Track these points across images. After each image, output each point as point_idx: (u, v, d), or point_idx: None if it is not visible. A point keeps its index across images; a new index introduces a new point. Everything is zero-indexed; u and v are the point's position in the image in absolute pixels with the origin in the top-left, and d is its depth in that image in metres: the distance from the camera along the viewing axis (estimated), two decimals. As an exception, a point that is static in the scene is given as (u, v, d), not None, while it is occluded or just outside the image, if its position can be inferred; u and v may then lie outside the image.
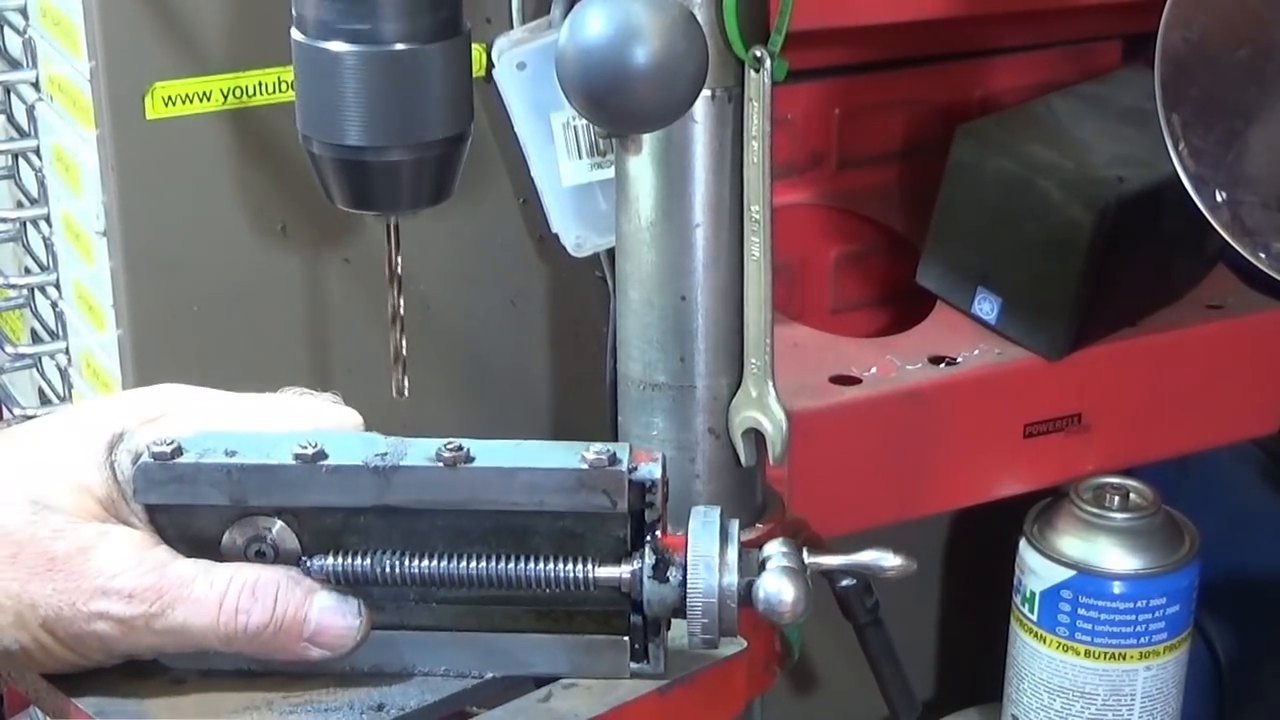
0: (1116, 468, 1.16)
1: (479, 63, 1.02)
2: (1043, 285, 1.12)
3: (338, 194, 0.75)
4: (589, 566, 0.74)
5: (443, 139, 0.74)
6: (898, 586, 0.84)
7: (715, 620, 0.74)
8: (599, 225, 1.06)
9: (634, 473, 0.74)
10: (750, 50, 0.86)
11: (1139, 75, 1.13)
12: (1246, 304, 1.22)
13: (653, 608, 0.75)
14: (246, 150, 1.01)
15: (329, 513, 0.74)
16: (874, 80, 1.26)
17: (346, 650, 0.74)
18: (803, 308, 1.24)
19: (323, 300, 1.07)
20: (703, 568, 0.74)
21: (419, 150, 0.74)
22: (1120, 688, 1.11)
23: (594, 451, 0.73)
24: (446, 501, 0.74)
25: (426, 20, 0.72)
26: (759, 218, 0.89)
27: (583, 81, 0.72)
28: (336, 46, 0.71)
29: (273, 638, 0.73)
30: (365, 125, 0.73)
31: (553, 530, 0.75)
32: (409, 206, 0.76)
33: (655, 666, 0.77)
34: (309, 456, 0.73)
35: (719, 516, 0.76)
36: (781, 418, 0.92)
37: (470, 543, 0.75)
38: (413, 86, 0.73)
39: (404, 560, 0.74)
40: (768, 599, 0.75)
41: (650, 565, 0.74)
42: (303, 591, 0.73)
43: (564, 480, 0.73)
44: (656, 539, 0.75)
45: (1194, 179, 0.87)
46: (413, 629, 0.77)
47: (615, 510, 0.74)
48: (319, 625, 0.73)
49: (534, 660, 0.78)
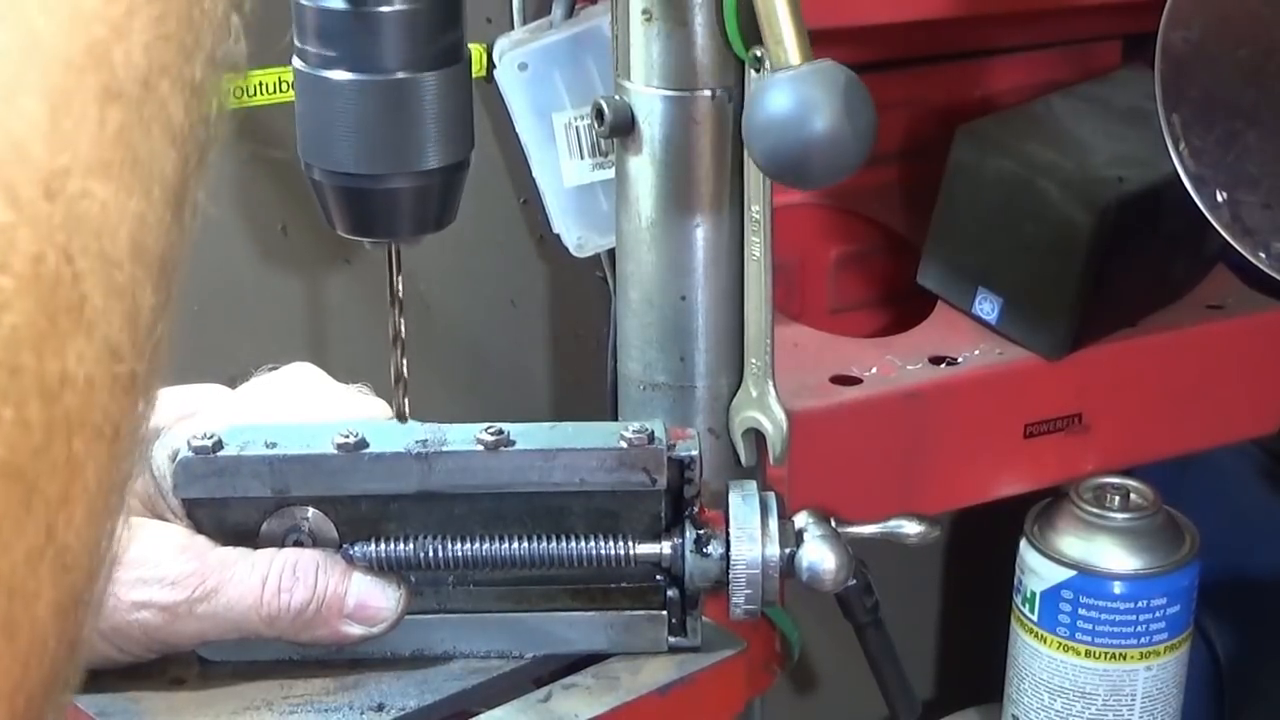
0: (1116, 468, 1.16)
1: (479, 63, 1.02)
2: (1043, 285, 1.12)
3: (338, 221, 0.76)
4: (629, 544, 0.76)
5: (443, 167, 0.75)
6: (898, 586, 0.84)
7: (759, 590, 0.76)
8: (600, 225, 1.06)
9: (673, 450, 0.76)
10: (750, 50, 0.86)
11: (1139, 75, 1.13)
12: (1246, 304, 1.21)
13: (694, 581, 0.77)
14: (246, 150, 1.01)
15: (367, 501, 0.75)
16: (874, 80, 1.24)
17: (386, 626, 0.75)
18: (803, 308, 1.24)
19: (323, 300, 1.07)
20: (746, 540, 0.76)
21: (420, 178, 0.74)
22: (1120, 688, 1.11)
23: (633, 430, 0.75)
24: (488, 485, 0.75)
25: (427, 49, 0.72)
26: (759, 218, 0.89)
27: (768, 149, 0.77)
28: (337, 75, 0.72)
29: (315, 615, 0.74)
30: (366, 153, 0.73)
31: (588, 509, 0.76)
32: (410, 233, 0.76)
33: (693, 639, 0.79)
34: (351, 445, 0.74)
35: (757, 490, 0.77)
36: (781, 418, 0.92)
37: (507, 525, 0.76)
38: (413, 115, 0.73)
39: (444, 544, 0.75)
40: (811, 567, 0.77)
41: (692, 540, 0.76)
42: (341, 570, 0.75)
43: (605, 460, 0.75)
44: (696, 514, 0.76)
45: (1194, 179, 0.87)
46: (452, 613, 0.79)
47: (655, 487, 0.75)
48: (359, 601, 0.74)
49: (573, 638, 0.79)
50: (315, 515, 0.76)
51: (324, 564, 0.74)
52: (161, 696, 0.76)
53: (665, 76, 0.87)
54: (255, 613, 0.73)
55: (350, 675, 0.77)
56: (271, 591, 0.73)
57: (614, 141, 0.91)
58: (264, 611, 0.73)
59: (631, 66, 0.88)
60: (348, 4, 0.70)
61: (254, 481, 0.74)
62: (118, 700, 0.75)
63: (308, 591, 0.73)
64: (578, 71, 1.05)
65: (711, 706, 0.81)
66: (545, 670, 0.80)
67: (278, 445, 0.75)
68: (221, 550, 0.74)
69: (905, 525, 0.81)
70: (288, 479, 0.75)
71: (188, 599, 0.72)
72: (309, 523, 0.76)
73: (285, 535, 0.76)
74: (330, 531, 0.76)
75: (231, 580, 0.73)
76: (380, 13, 0.71)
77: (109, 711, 0.75)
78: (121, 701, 0.75)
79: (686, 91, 0.87)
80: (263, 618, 0.73)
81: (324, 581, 0.74)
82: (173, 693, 0.76)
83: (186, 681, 0.77)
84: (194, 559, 0.73)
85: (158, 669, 0.76)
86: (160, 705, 0.76)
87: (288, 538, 0.76)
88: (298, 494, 0.75)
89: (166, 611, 0.72)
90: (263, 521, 0.75)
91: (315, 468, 0.75)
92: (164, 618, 0.72)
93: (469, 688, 0.78)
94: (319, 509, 0.76)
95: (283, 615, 0.73)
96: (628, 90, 0.88)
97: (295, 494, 0.75)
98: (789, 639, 0.92)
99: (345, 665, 0.77)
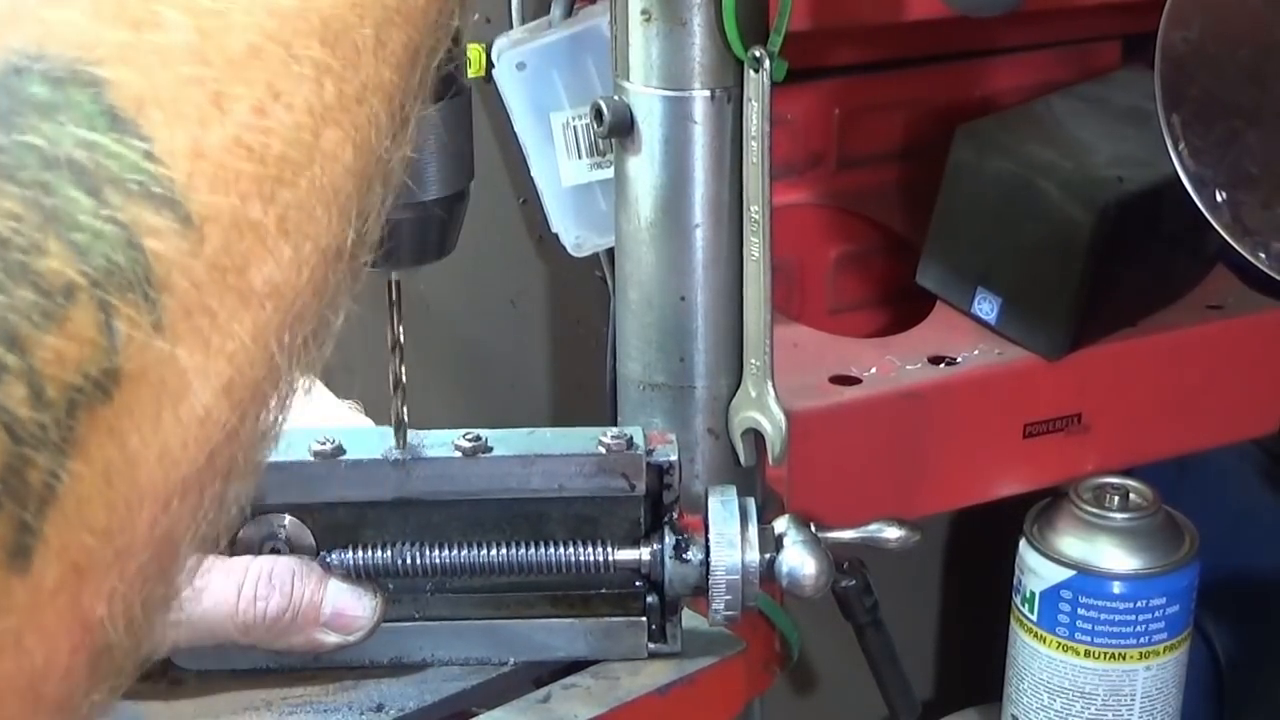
0: (1116, 468, 1.16)
1: (478, 62, 1.02)
2: (1043, 285, 1.12)
3: None
4: (608, 549, 0.76)
5: (443, 198, 0.75)
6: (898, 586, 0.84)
7: (739, 596, 0.76)
8: (599, 225, 1.06)
9: (651, 455, 0.75)
10: (750, 50, 0.86)
11: (1139, 75, 1.13)
12: (1246, 304, 1.21)
13: (674, 587, 0.76)
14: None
15: (344, 508, 0.75)
16: (874, 80, 1.26)
17: (363, 634, 0.75)
18: (802, 308, 1.24)
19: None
20: (725, 545, 0.75)
21: (420, 209, 0.74)
22: (1120, 688, 1.11)
23: (611, 436, 0.75)
24: (466, 491, 0.75)
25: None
26: (759, 218, 0.89)
27: None
28: None
29: (290, 623, 0.73)
30: None
31: (567, 516, 0.76)
32: (410, 263, 0.76)
33: (673, 645, 0.79)
34: (328, 452, 0.74)
35: (736, 495, 0.77)
36: (781, 418, 0.92)
37: (485, 531, 0.76)
38: (414, 147, 0.73)
39: (422, 551, 0.75)
40: (791, 573, 0.76)
41: (671, 545, 0.76)
42: (318, 577, 0.74)
43: (583, 465, 0.75)
44: (675, 520, 0.76)
45: (1194, 179, 0.87)
46: (430, 620, 0.78)
47: (634, 493, 0.75)
48: (335, 609, 0.74)
49: (553, 644, 0.79)
50: (292, 522, 0.75)
51: (300, 571, 0.74)
52: (161, 697, 0.76)
53: (664, 76, 0.87)
54: (230, 620, 0.72)
55: (350, 676, 0.77)
56: (247, 599, 0.72)
57: (613, 141, 0.91)
58: (239, 619, 0.72)
59: (630, 66, 0.88)
60: None
61: None
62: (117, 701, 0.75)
63: (283, 599, 0.73)
64: (576, 71, 1.05)
65: (711, 707, 0.81)
66: (545, 671, 0.80)
67: None
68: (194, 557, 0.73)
69: (886, 530, 0.80)
70: (264, 486, 0.74)
71: None
72: (285, 530, 0.75)
73: (261, 542, 0.75)
74: (307, 539, 0.75)
75: (205, 587, 0.72)
76: None
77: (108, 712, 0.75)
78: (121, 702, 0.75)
79: (685, 92, 0.87)
80: (238, 625, 0.73)
81: (300, 589, 0.73)
82: (172, 693, 0.76)
83: (186, 682, 0.77)
84: None
85: (157, 669, 0.76)
86: (160, 706, 0.76)
87: (264, 545, 0.75)
88: (274, 501, 0.74)
89: None
90: (238, 529, 0.75)
91: (292, 474, 0.74)
92: None
93: (469, 688, 0.78)
94: (296, 516, 0.75)
95: (258, 623, 0.73)
96: (626, 90, 0.88)
97: (271, 501, 0.74)
98: (789, 639, 0.92)
99: (343, 666, 0.77)
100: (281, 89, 0.41)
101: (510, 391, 1.16)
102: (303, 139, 0.41)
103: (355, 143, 0.43)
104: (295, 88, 0.41)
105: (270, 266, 0.40)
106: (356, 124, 0.43)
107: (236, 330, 0.39)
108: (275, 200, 0.40)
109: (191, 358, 0.37)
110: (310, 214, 0.41)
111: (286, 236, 0.40)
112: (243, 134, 0.39)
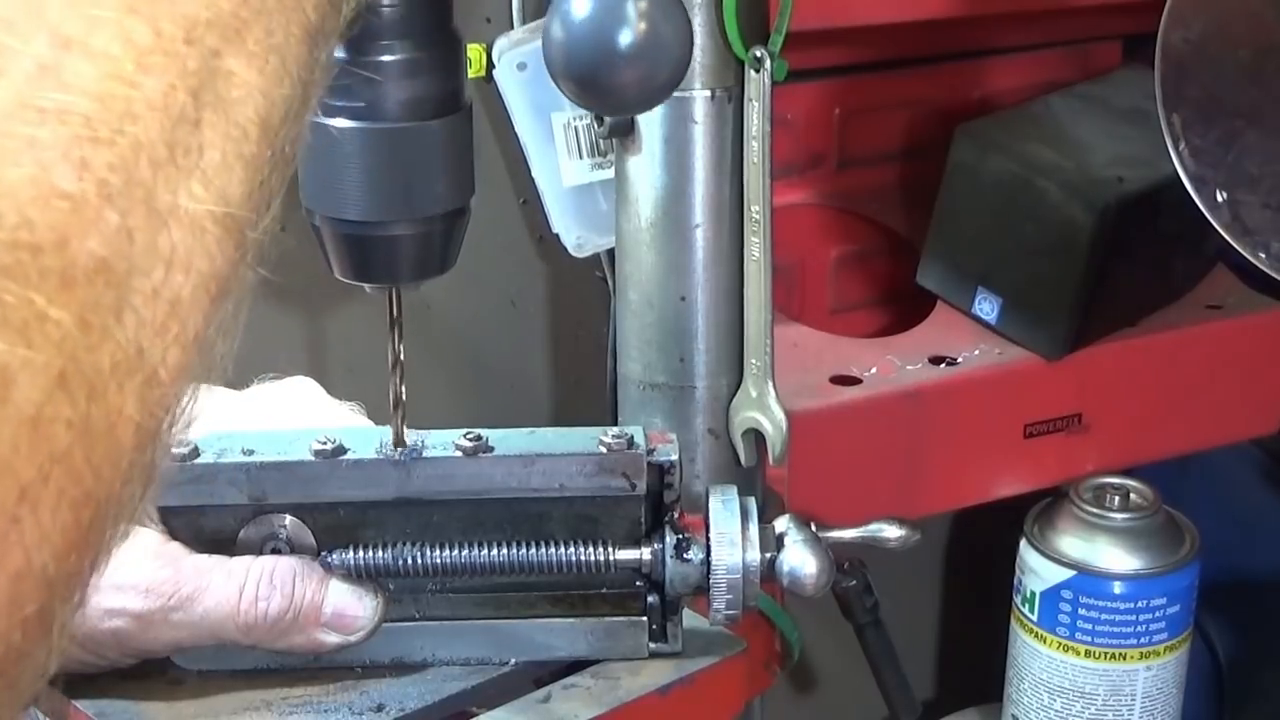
0: (1116, 468, 1.16)
1: (479, 63, 1.02)
2: (1043, 285, 1.12)
3: (339, 266, 0.76)
4: (609, 549, 0.76)
5: (444, 214, 0.75)
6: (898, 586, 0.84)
7: (740, 596, 0.76)
8: (600, 225, 1.06)
9: (652, 455, 0.75)
10: (750, 50, 0.86)
11: (1139, 75, 1.13)
12: (1246, 304, 1.22)
13: (675, 587, 0.76)
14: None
15: (345, 507, 0.75)
16: (874, 80, 1.26)
17: (364, 634, 0.75)
18: (803, 308, 1.24)
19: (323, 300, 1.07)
20: (726, 545, 0.75)
21: (420, 225, 0.74)
22: (1120, 688, 1.11)
23: (611, 435, 0.75)
24: (467, 491, 0.75)
25: (428, 97, 0.72)
26: (759, 218, 0.89)
27: (567, 64, 0.72)
28: (338, 123, 0.72)
29: (291, 624, 0.73)
30: (367, 201, 0.73)
31: (567, 515, 0.76)
32: (410, 279, 0.76)
33: (674, 645, 0.79)
34: (329, 452, 0.74)
35: (737, 495, 0.77)
36: (781, 418, 0.92)
37: (486, 531, 0.76)
38: (414, 163, 0.73)
39: (423, 551, 0.75)
40: (792, 572, 0.76)
41: (672, 545, 0.76)
42: (319, 577, 0.74)
43: (584, 465, 0.75)
44: (675, 519, 0.76)
45: (1194, 179, 0.87)
46: (431, 620, 0.78)
47: (634, 492, 0.75)
48: (336, 609, 0.74)
49: (554, 644, 0.79)
50: (293, 522, 0.75)
51: (301, 572, 0.74)
52: (161, 697, 0.76)
53: (665, 77, 0.87)
54: (231, 621, 0.72)
55: (350, 676, 0.77)
56: (248, 600, 0.72)
57: (613, 142, 0.91)
58: (240, 620, 0.72)
59: (631, 67, 0.88)
60: (347, 54, 0.70)
61: (231, 489, 0.74)
62: (117, 702, 0.75)
63: (284, 600, 0.73)
64: (577, 71, 1.05)
65: (711, 706, 0.81)
66: (545, 671, 0.80)
67: (255, 452, 0.74)
68: (196, 557, 0.73)
69: (886, 529, 0.80)
70: (265, 486, 0.74)
71: (162, 606, 0.72)
72: (286, 530, 0.75)
73: (263, 543, 0.75)
74: (308, 539, 0.75)
75: (207, 588, 0.72)
76: (381, 61, 0.71)
77: (108, 713, 0.75)
78: (121, 703, 0.75)
79: (686, 92, 0.87)
80: (239, 626, 0.72)
81: (301, 589, 0.73)
82: (172, 693, 0.76)
83: (186, 682, 0.77)
84: (168, 566, 0.72)
85: (157, 669, 0.76)
86: (159, 706, 0.75)
87: (265, 545, 0.75)
88: (275, 501, 0.74)
89: (140, 619, 0.72)
90: (240, 529, 0.75)
91: (293, 474, 0.74)
92: (137, 625, 0.72)
93: (469, 688, 0.78)
94: (296, 516, 0.75)
95: (259, 623, 0.73)
96: (627, 90, 0.88)
97: (272, 501, 0.74)
98: (789, 639, 0.92)
99: (344, 666, 0.77)
100: (72, 35, 0.38)
101: (510, 391, 1.16)
102: (115, 91, 0.38)
103: (189, 88, 0.40)
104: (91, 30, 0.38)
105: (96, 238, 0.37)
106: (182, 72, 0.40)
107: (56, 314, 0.36)
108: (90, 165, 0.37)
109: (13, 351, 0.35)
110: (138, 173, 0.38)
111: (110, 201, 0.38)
112: (29, 94, 0.37)
